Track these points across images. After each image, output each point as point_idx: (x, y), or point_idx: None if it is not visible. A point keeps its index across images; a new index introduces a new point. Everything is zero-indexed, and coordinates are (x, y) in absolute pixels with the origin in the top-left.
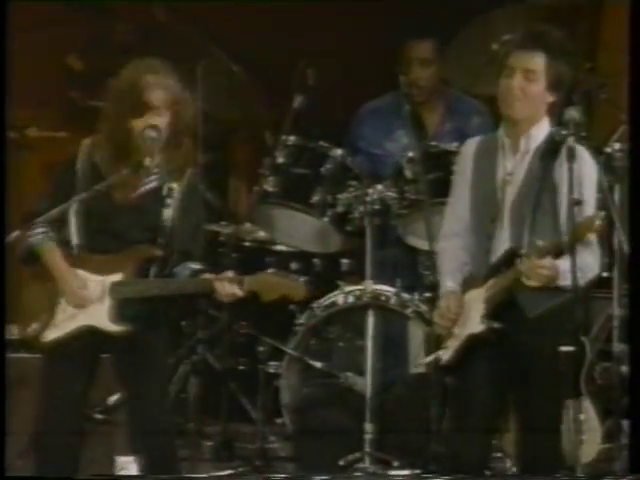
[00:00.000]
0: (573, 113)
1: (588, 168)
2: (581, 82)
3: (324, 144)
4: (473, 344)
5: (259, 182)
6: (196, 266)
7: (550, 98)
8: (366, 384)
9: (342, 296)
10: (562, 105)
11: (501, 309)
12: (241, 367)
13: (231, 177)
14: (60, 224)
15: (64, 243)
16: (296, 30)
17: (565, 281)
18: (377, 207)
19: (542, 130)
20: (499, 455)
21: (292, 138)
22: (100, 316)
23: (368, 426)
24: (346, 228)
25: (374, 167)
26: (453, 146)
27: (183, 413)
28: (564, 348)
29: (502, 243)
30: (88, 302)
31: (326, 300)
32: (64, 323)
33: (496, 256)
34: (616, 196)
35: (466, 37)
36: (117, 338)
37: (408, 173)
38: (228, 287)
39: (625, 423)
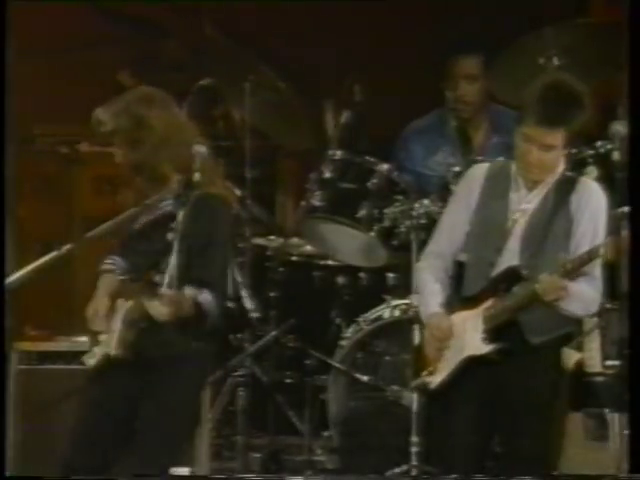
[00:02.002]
0: (618, 127)
1: (601, 203)
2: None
3: (370, 159)
4: (471, 366)
5: (306, 197)
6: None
7: (567, 151)
8: (412, 398)
9: (388, 310)
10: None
11: (501, 331)
12: (288, 380)
13: (278, 192)
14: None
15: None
16: (344, 46)
17: (569, 305)
18: (423, 221)
19: (559, 169)
20: None
21: (339, 153)
22: (111, 342)
23: (414, 439)
24: (392, 242)
25: (420, 182)
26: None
27: (231, 425)
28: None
29: (502, 269)
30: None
31: (372, 314)
32: (100, 350)
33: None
34: None
35: (514, 52)
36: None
37: (454, 188)
38: (159, 307)
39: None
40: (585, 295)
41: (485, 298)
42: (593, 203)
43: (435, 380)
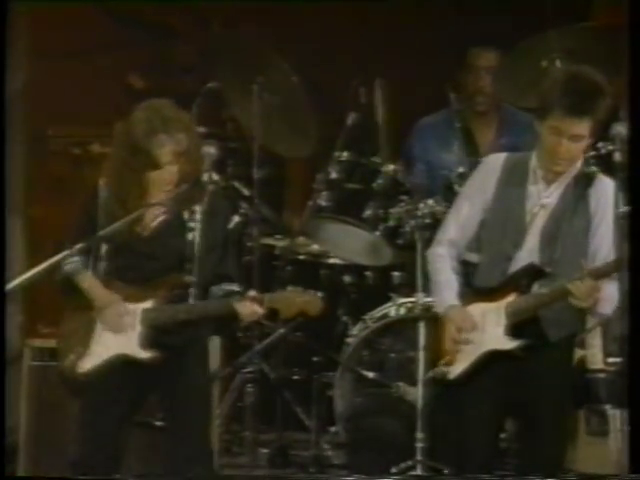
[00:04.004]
0: (620, 129)
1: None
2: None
3: (376, 160)
4: (490, 361)
5: (313, 197)
6: (229, 287)
7: (590, 141)
8: (417, 394)
9: (394, 308)
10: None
11: (523, 326)
12: (296, 377)
13: (286, 192)
14: (89, 255)
15: (95, 272)
16: (353, 47)
17: (602, 308)
18: (428, 221)
19: (579, 163)
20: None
21: (345, 154)
22: (131, 344)
23: (419, 435)
24: (397, 242)
25: (426, 182)
26: None
27: (240, 421)
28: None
29: (521, 264)
30: (122, 330)
31: (378, 312)
32: (98, 352)
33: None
34: None
35: (517, 55)
36: (149, 365)
37: (457, 188)
38: (249, 307)
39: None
40: (613, 296)
41: (505, 292)
42: (612, 204)
43: (454, 371)
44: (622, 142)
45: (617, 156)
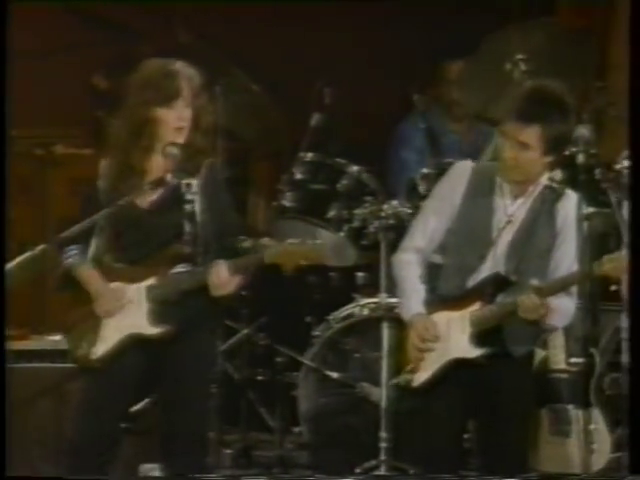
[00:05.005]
0: (583, 131)
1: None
2: (591, 100)
3: (341, 161)
4: (454, 368)
5: (278, 197)
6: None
7: (548, 159)
8: (381, 394)
9: (358, 308)
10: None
11: (487, 335)
12: (260, 377)
13: (250, 193)
14: (87, 242)
15: (95, 260)
16: (314, 48)
17: (551, 320)
18: (392, 222)
19: (543, 180)
20: None
21: (310, 155)
22: (140, 322)
23: (383, 435)
24: (362, 242)
25: (388, 183)
26: None
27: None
28: (574, 359)
29: (485, 274)
30: (124, 310)
31: (342, 312)
32: (109, 336)
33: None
34: (624, 212)
35: (479, 58)
36: (158, 342)
37: (422, 189)
38: (220, 278)
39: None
40: (564, 308)
41: (470, 301)
42: (576, 223)
43: (418, 378)
44: (585, 144)
45: (580, 158)
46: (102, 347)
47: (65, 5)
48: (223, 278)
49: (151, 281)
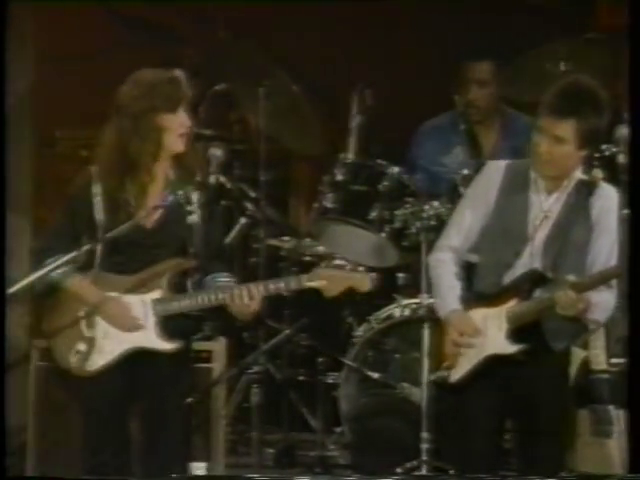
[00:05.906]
0: (624, 131)
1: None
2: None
3: (382, 162)
4: (491, 365)
5: (319, 199)
6: (223, 278)
7: (582, 153)
8: (421, 395)
9: (399, 309)
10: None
11: (525, 331)
12: (301, 377)
13: (292, 194)
14: (67, 252)
15: (88, 271)
16: (356, 51)
17: (592, 315)
18: (433, 223)
19: (576, 175)
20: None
21: (351, 156)
22: (147, 336)
23: (424, 435)
24: (403, 243)
25: (431, 184)
26: None
27: (246, 421)
28: (615, 360)
29: (522, 271)
30: (139, 324)
31: (383, 313)
32: (109, 349)
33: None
34: None
35: (529, 60)
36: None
37: (463, 190)
38: (241, 304)
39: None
40: (605, 303)
41: (506, 298)
42: (613, 215)
43: (455, 375)
44: (625, 144)
45: (620, 158)
46: (101, 359)
47: (107, 6)
48: (242, 307)
49: (155, 294)
